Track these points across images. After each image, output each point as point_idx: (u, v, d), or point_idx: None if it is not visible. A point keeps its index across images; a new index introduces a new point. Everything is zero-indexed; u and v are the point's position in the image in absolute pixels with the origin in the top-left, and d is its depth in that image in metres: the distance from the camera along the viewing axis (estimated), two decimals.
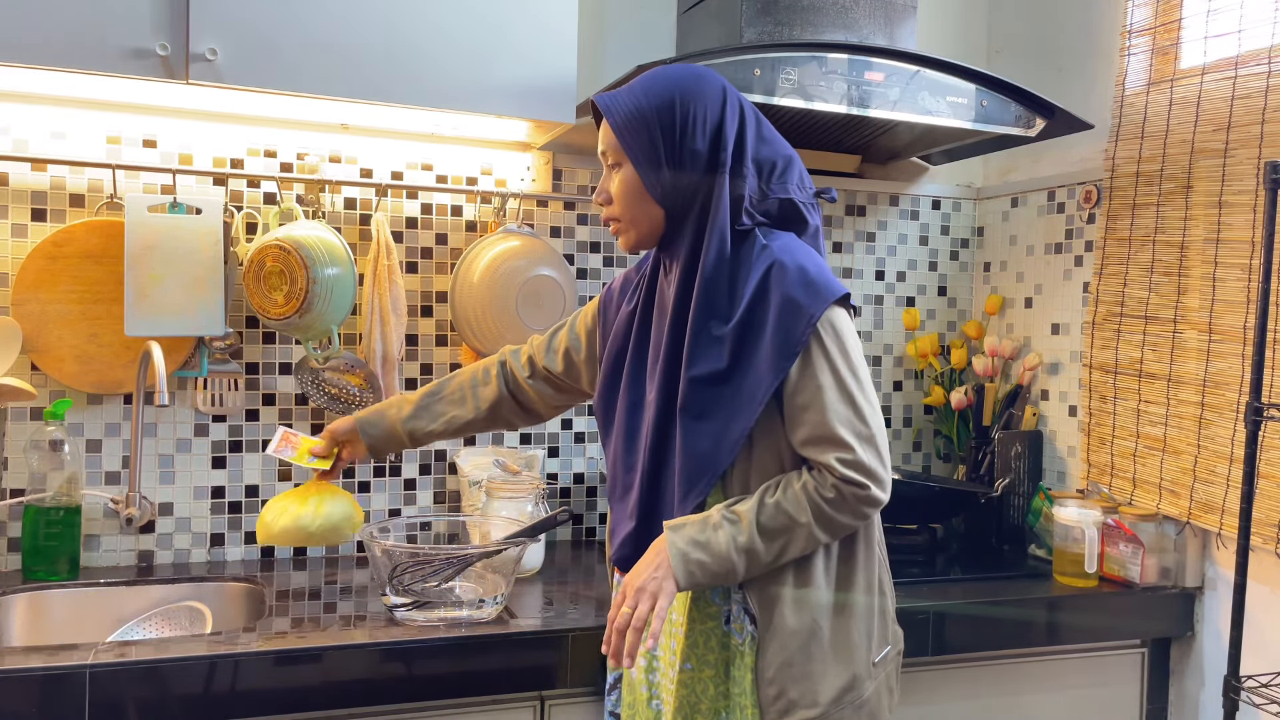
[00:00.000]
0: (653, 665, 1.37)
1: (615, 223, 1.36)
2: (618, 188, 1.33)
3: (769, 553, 1.24)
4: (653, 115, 1.29)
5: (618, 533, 1.38)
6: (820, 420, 1.23)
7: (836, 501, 1.23)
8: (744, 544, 1.23)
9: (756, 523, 1.23)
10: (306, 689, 1.42)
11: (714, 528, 1.23)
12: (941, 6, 2.39)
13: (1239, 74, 1.78)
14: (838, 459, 1.22)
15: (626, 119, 1.30)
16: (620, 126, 1.30)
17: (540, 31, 1.75)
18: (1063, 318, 2.19)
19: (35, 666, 1.31)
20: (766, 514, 1.23)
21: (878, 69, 1.78)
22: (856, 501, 1.23)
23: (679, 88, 1.31)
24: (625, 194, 1.33)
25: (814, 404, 1.23)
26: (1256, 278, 1.73)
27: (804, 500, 1.23)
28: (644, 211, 1.33)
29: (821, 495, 1.23)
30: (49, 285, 1.76)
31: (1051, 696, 1.83)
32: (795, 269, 1.25)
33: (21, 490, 1.77)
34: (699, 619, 1.31)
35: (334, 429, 1.58)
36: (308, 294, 1.75)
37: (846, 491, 1.22)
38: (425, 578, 1.54)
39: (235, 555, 1.92)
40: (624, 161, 1.32)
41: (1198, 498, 1.84)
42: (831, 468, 1.22)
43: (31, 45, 1.49)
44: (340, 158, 1.96)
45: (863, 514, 1.25)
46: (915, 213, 2.40)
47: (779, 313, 1.24)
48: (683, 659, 1.30)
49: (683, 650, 1.31)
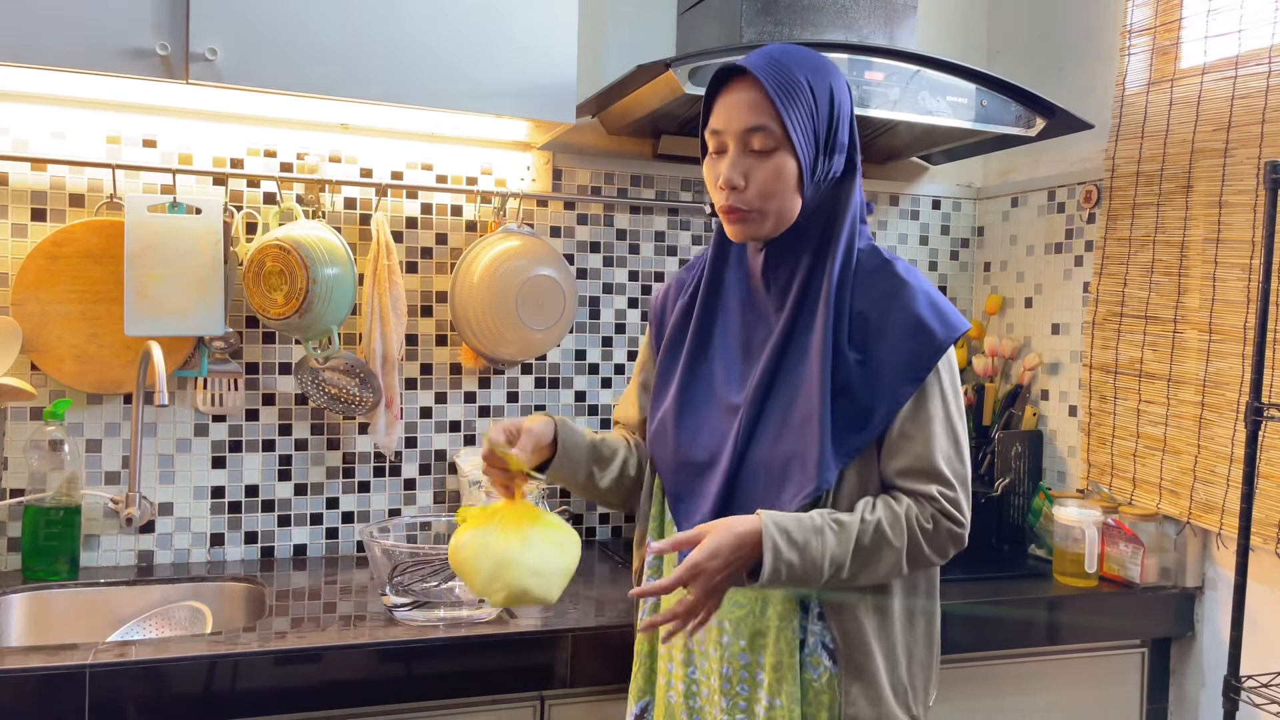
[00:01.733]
0: (691, 690, 1.29)
1: (741, 211, 1.21)
2: (765, 173, 1.19)
3: (852, 571, 1.16)
4: (809, 94, 1.18)
5: (692, 515, 1.27)
6: (925, 453, 1.18)
7: (931, 534, 1.18)
8: (837, 556, 1.14)
9: (854, 541, 1.15)
10: (306, 689, 1.42)
11: (815, 531, 1.14)
12: (941, 6, 2.39)
13: (1239, 74, 1.78)
14: (940, 492, 1.18)
15: (789, 94, 1.17)
16: (785, 102, 1.17)
17: (540, 31, 1.75)
18: (1063, 317, 2.19)
19: (35, 666, 1.31)
20: (867, 531, 1.15)
21: (878, 69, 1.78)
22: (948, 539, 1.19)
23: (825, 69, 1.21)
24: (776, 180, 1.19)
25: (920, 435, 1.19)
26: (1256, 277, 1.73)
27: (903, 526, 1.16)
28: (788, 203, 1.21)
29: (920, 524, 1.17)
30: (49, 285, 1.76)
31: (1051, 696, 1.83)
32: (922, 293, 1.21)
33: (21, 490, 1.77)
34: (772, 647, 1.21)
35: (534, 430, 1.29)
36: (308, 294, 1.75)
37: (943, 526, 1.18)
38: (425, 578, 1.54)
39: (235, 555, 1.91)
40: (779, 144, 1.18)
41: (1198, 498, 1.84)
42: (934, 499, 1.18)
43: (31, 45, 1.49)
44: (340, 158, 1.96)
45: (947, 553, 1.20)
46: (915, 212, 2.40)
47: (906, 334, 1.18)
48: (737, 684, 1.22)
49: (738, 675, 1.23)
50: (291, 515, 1.95)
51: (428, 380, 2.03)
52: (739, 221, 1.22)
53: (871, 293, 1.22)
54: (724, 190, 1.21)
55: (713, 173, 1.24)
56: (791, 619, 1.21)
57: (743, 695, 1.23)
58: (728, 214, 1.23)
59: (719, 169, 1.22)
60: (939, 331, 1.19)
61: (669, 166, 2.17)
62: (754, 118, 1.18)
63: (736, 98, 1.20)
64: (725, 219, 1.24)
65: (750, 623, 1.22)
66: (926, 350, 1.18)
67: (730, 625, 1.22)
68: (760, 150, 1.19)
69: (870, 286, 1.23)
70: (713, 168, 1.24)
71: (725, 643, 1.23)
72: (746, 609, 1.22)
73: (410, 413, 2.01)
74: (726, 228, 1.25)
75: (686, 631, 1.13)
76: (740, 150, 1.20)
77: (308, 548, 1.96)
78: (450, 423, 2.04)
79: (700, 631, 1.21)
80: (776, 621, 1.21)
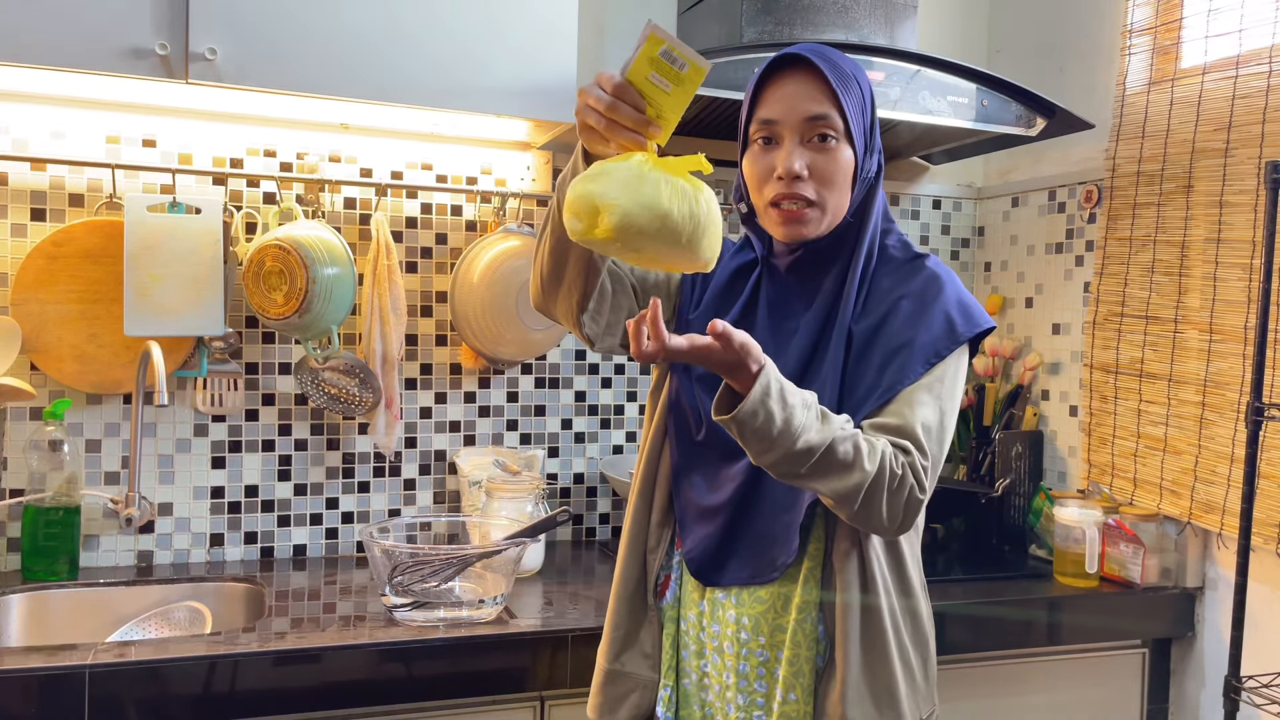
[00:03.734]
0: (703, 683, 1.26)
1: (801, 203, 1.16)
2: (828, 163, 1.15)
3: (813, 471, 1.08)
4: (859, 89, 1.17)
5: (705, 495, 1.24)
6: (908, 416, 1.15)
7: (898, 482, 1.12)
8: (812, 442, 1.06)
9: (833, 438, 1.08)
10: (306, 689, 1.42)
11: (804, 406, 1.07)
12: (942, 6, 2.38)
13: (1240, 73, 1.78)
14: (914, 451, 1.14)
15: (846, 86, 1.15)
16: (845, 93, 1.15)
17: (540, 31, 1.75)
18: (1063, 317, 2.19)
19: (35, 666, 1.31)
20: (845, 441, 1.09)
21: (878, 68, 1.78)
22: (908, 499, 1.13)
23: (861, 68, 1.20)
24: (837, 171, 1.15)
25: (908, 401, 1.16)
26: (1257, 277, 1.73)
27: (877, 456, 1.10)
28: (843, 199, 1.18)
29: (891, 466, 1.11)
30: (48, 285, 1.76)
31: (1052, 697, 1.83)
32: (952, 287, 1.22)
33: (21, 490, 1.76)
34: (790, 642, 1.19)
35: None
36: (307, 294, 1.75)
37: (909, 482, 1.12)
38: (425, 578, 1.54)
39: (235, 555, 1.91)
40: (839, 135, 1.15)
41: (1198, 498, 1.84)
42: (909, 453, 1.14)
43: (31, 45, 1.49)
44: (340, 157, 1.96)
45: (898, 516, 1.14)
46: (916, 212, 2.39)
47: (930, 324, 1.18)
48: (754, 680, 1.21)
49: (755, 673, 1.21)
50: (291, 515, 1.95)
51: (428, 380, 2.03)
52: (795, 219, 1.17)
53: (903, 284, 1.22)
54: (784, 180, 1.16)
55: (763, 165, 1.18)
56: (810, 611, 1.20)
57: (760, 692, 1.22)
58: (784, 209, 1.17)
59: (772, 160, 1.17)
60: (961, 325, 1.20)
61: None
62: (817, 106, 1.15)
63: (794, 88, 1.16)
64: (779, 215, 1.18)
65: (770, 619, 1.20)
66: (945, 339, 1.19)
67: (749, 622, 1.21)
68: (819, 141, 1.15)
69: (902, 277, 1.23)
70: (762, 160, 1.19)
71: (744, 639, 1.21)
72: (767, 604, 1.21)
73: (410, 413, 2.01)
74: (778, 226, 1.19)
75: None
76: (797, 141, 1.16)
77: (307, 548, 1.96)
78: (450, 423, 2.04)
79: (715, 627, 1.22)
80: (796, 615, 1.19)
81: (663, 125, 1.05)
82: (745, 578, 1.21)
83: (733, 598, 1.21)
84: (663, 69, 1.02)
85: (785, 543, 1.19)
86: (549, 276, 1.22)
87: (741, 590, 1.21)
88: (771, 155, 1.18)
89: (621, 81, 1.03)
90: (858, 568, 1.19)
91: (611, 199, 0.99)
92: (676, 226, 1.01)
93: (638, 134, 1.04)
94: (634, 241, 1.01)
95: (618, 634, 1.30)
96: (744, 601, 1.21)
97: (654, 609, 1.29)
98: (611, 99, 1.03)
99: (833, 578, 1.19)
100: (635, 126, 1.04)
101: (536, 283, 1.25)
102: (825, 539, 1.21)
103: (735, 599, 1.21)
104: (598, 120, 1.04)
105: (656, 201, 0.99)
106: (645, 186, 1.00)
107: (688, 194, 1.02)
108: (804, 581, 1.20)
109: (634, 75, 1.02)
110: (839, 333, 1.20)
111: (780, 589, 1.20)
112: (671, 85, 1.03)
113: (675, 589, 1.29)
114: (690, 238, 1.02)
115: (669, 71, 1.02)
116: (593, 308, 1.24)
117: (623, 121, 1.04)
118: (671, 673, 1.28)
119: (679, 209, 1.01)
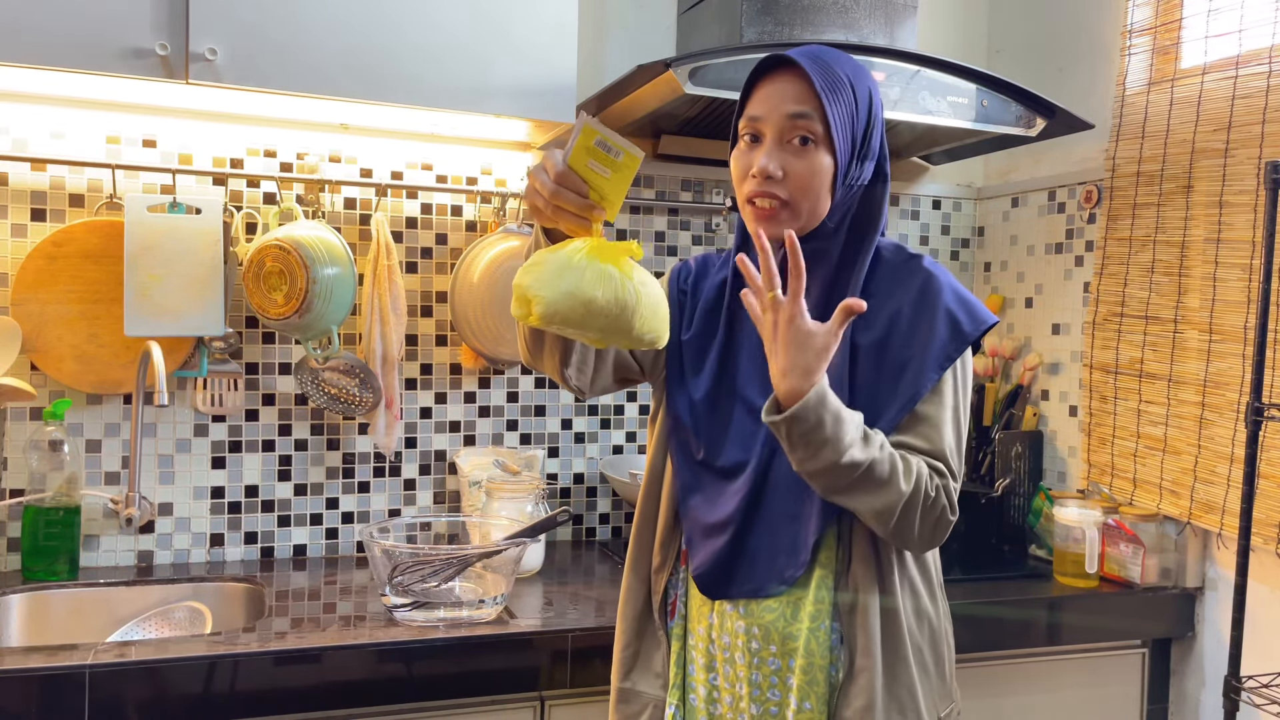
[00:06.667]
0: (712, 696, 1.26)
1: (775, 201, 1.17)
2: (802, 167, 1.16)
3: (854, 486, 1.11)
4: (850, 93, 1.17)
5: (701, 546, 1.24)
6: (937, 439, 1.17)
7: (931, 502, 1.14)
8: (856, 458, 1.09)
9: (874, 458, 1.10)
10: (306, 689, 1.42)
11: (854, 425, 1.10)
12: (942, 6, 2.39)
13: (1240, 74, 1.78)
14: (948, 474, 1.16)
15: (833, 89, 1.15)
16: (830, 96, 1.15)
17: (540, 31, 1.75)
18: (1063, 318, 2.19)
19: (35, 666, 1.31)
20: (885, 458, 1.11)
21: (878, 68, 1.78)
22: (939, 519, 1.15)
23: (864, 73, 1.20)
24: (812, 175, 1.16)
25: (934, 420, 1.17)
26: (1257, 278, 1.73)
27: (914, 475, 1.12)
28: (820, 202, 1.18)
29: (926, 487, 1.13)
30: (48, 285, 1.76)
31: (1052, 697, 1.83)
32: (949, 287, 1.21)
33: (21, 490, 1.76)
34: (803, 650, 1.19)
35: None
36: (307, 294, 1.75)
37: (941, 503, 1.15)
38: (425, 578, 1.54)
39: (235, 555, 1.91)
40: (818, 138, 1.16)
41: (1198, 498, 1.84)
42: (942, 475, 1.16)
43: (31, 45, 1.49)
44: (340, 158, 1.96)
45: (930, 535, 1.16)
46: (916, 212, 2.40)
47: (934, 327, 1.18)
48: (768, 689, 1.21)
49: (768, 682, 1.21)
50: (291, 515, 1.95)
51: (427, 380, 2.03)
52: (766, 216, 1.18)
53: (901, 286, 1.22)
54: (757, 178, 1.17)
55: (744, 162, 1.20)
56: (824, 619, 1.19)
57: (774, 701, 1.21)
58: (757, 205, 1.18)
59: (752, 158, 1.19)
60: (966, 324, 1.19)
61: (669, 166, 2.16)
62: (797, 105, 1.16)
63: (780, 86, 1.17)
64: (754, 211, 1.19)
65: (780, 627, 1.20)
66: (953, 341, 1.18)
67: (760, 631, 1.21)
68: (799, 143, 1.17)
69: (899, 280, 1.22)
70: (744, 157, 1.20)
71: (754, 649, 1.21)
72: (777, 613, 1.21)
73: (410, 413, 2.01)
74: (753, 221, 1.20)
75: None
76: (777, 141, 1.17)
77: (307, 548, 1.96)
78: (450, 423, 2.04)
79: (725, 639, 1.22)
80: (808, 624, 1.19)
81: (607, 206, 1.10)
82: (752, 590, 1.21)
83: (740, 609, 1.21)
84: (600, 157, 1.08)
85: (793, 555, 1.20)
86: (530, 340, 1.27)
87: (750, 601, 1.21)
88: (753, 152, 1.20)
89: (564, 170, 1.08)
90: (876, 571, 1.19)
91: (536, 291, 1.07)
92: (602, 311, 1.06)
93: (582, 218, 1.10)
94: (564, 329, 1.09)
95: (627, 653, 1.32)
96: (752, 612, 1.21)
97: (661, 628, 1.30)
98: (555, 186, 1.08)
99: (850, 583, 1.19)
100: (579, 211, 1.09)
101: (522, 344, 1.29)
102: (838, 546, 1.20)
103: (744, 610, 1.21)
104: (544, 205, 1.10)
105: (579, 290, 1.06)
106: (569, 275, 1.06)
107: (613, 280, 1.07)
108: (815, 589, 1.19)
109: (574, 162, 1.08)
110: (841, 345, 1.19)
111: (790, 597, 1.21)
112: (610, 171, 1.08)
113: (682, 608, 1.29)
114: (618, 321, 1.08)
115: (606, 159, 1.08)
116: (575, 362, 1.27)
117: (566, 206, 1.09)
118: (677, 690, 1.28)
119: (603, 295, 1.06)
